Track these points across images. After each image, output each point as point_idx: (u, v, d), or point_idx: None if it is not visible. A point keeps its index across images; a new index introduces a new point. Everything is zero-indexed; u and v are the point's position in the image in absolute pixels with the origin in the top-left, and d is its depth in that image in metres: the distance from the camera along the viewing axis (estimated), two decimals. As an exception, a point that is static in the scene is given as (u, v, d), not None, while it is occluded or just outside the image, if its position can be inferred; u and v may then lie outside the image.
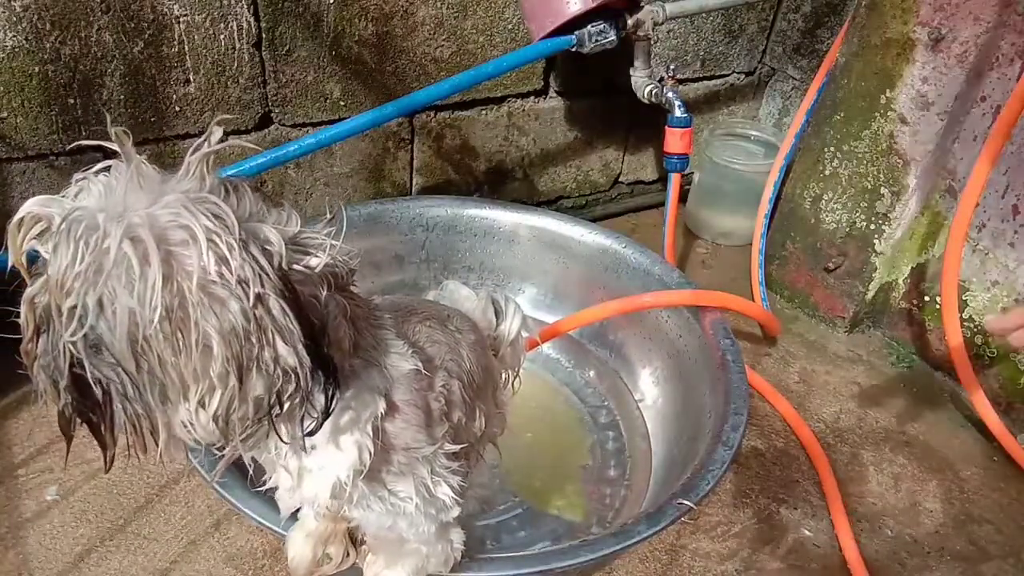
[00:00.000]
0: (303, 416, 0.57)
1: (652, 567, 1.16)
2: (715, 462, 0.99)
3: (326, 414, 0.58)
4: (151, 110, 1.39)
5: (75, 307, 0.48)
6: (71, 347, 0.49)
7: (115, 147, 0.52)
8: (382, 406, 0.65)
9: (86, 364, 0.50)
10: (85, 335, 0.49)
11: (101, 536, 1.13)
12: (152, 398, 0.52)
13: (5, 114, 1.29)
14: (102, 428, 0.52)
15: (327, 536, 0.84)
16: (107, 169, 0.52)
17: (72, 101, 1.32)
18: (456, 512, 0.77)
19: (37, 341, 0.51)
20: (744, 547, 1.20)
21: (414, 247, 1.47)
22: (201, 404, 0.52)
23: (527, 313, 1.13)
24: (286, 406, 0.55)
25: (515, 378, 1.02)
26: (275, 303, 0.51)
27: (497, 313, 0.99)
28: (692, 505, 0.92)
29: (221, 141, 0.55)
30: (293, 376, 0.53)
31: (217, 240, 0.49)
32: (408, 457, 0.70)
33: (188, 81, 1.39)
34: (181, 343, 0.50)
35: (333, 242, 0.57)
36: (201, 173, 0.53)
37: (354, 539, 0.86)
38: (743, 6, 1.78)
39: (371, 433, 0.65)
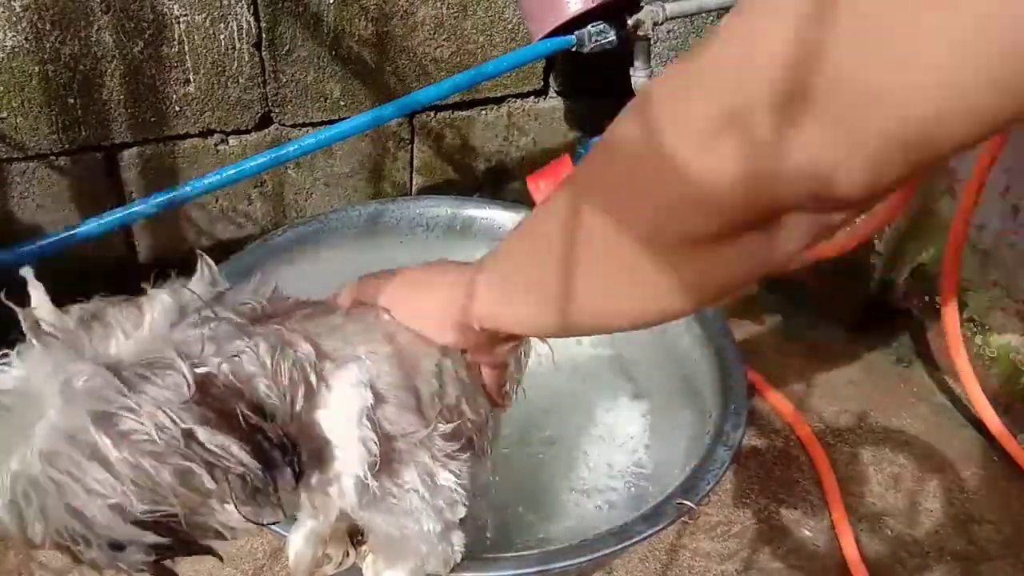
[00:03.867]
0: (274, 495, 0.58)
1: (652, 567, 1.16)
2: (715, 462, 0.99)
3: (297, 477, 0.58)
4: (151, 110, 1.39)
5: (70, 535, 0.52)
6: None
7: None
8: (370, 397, 0.65)
9: (118, 561, 0.54)
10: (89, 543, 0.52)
11: (101, 536, 1.13)
12: (196, 522, 0.56)
13: (5, 114, 1.29)
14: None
15: (327, 536, 0.84)
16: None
17: (72, 101, 1.32)
18: (462, 511, 0.77)
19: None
20: (744, 547, 1.20)
21: (414, 247, 1.47)
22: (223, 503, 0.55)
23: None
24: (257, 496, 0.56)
25: (518, 387, 1.00)
26: (203, 433, 0.52)
27: None
28: (692, 505, 0.92)
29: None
30: (248, 472, 0.55)
31: (124, 415, 0.50)
32: (407, 443, 0.70)
33: (188, 81, 1.39)
34: (160, 500, 0.52)
35: (211, 310, 0.56)
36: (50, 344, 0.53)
37: (354, 539, 0.86)
38: (743, 6, 1.78)
39: (368, 424, 0.65)
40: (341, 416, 0.64)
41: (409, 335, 0.73)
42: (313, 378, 0.62)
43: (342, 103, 1.55)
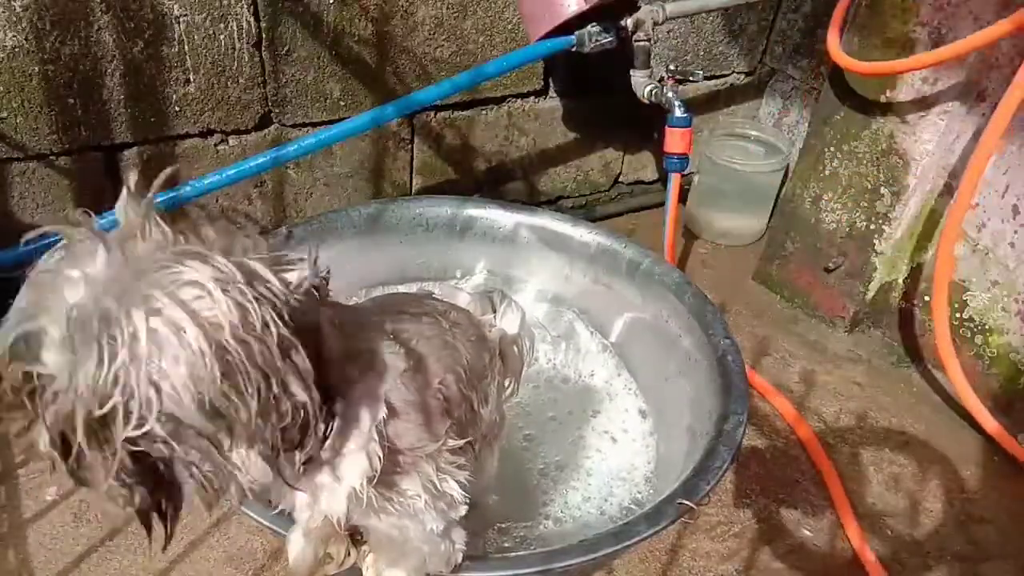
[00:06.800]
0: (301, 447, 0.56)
1: (652, 567, 1.16)
2: (715, 462, 0.99)
3: (323, 442, 0.57)
4: (151, 110, 1.39)
5: (130, 403, 0.47)
6: (128, 443, 0.48)
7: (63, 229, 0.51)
8: (384, 410, 0.65)
9: (170, 442, 0.49)
10: (157, 418, 0.48)
11: (102, 536, 1.13)
12: (220, 454, 0.52)
13: (5, 114, 1.29)
14: (163, 506, 0.53)
15: (328, 536, 0.84)
16: (62, 252, 0.51)
17: (72, 101, 1.32)
18: (463, 510, 0.77)
19: (84, 455, 0.49)
20: (744, 547, 1.20)
21: (414, 247, 1.47)
22: (250, 444, 0.53)
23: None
24: (297, 439, 0.55)
25: (518, 385, 1.00)
26: (291, 343, 0.51)
27: (494, 312, 0.98)
28: (692, 505, 0.92)
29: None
30: (302, 412, 0.53)
31: (228, 287, 0.48)
32: (412, 456, 0.70)
33: (188, 81, 1.39)
34: (234, 394, 0.50)
35: (304, 257, 0.56)
36: (156, 226, 0.52)
37: (354, 539, 0.86)
38: (743, 6, 1.78)
39: (377, 438, 0.65)
40: (356, 423, 0.64)
41: (425, 348, 0.74)
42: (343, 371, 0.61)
43: (342, 103, 1.55)
